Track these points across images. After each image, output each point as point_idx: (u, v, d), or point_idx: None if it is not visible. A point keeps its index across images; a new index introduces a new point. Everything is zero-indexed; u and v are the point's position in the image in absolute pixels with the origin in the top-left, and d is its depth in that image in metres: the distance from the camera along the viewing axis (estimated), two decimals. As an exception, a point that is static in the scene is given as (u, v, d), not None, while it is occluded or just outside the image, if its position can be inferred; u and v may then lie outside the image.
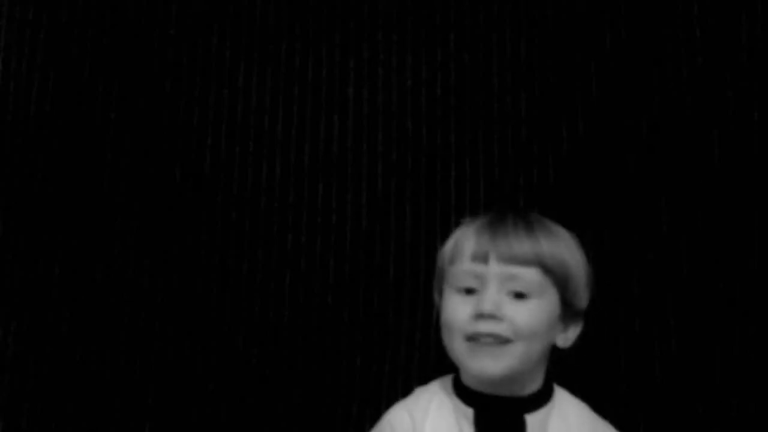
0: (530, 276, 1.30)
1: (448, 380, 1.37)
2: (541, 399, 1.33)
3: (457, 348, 1.30)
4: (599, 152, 1.73)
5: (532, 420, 1.31)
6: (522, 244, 1.32)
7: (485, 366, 1.28)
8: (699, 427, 1.64)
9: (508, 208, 1.60)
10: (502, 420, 1.31)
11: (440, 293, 1.37)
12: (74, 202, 1.83)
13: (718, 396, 1.64)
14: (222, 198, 1.81)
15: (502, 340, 1.28)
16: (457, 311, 1.31)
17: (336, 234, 1.78)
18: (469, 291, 1.31)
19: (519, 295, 1.30)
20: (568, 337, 1.36)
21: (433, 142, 1.78)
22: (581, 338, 1.70)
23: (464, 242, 1.34)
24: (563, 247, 1.35)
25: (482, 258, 1.31)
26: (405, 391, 1.42)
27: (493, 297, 1.29)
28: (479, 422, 1.31)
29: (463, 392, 1.33)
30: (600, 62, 1.75)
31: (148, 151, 1.84)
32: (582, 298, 1.36)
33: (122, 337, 1.79)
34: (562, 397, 1.36)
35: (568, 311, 1.34)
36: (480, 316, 1.28)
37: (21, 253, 1.83)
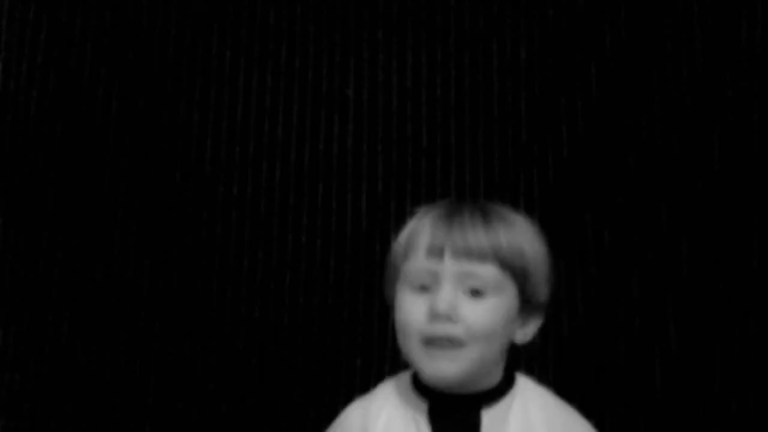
0: (487, 273, 1.24)
1: (407, 376, 1.32)
2: (498, 393, 1.28)
3: (413, 350, 1.24)
4: (599, 152, 1.73)
5: (489, 414, 1.26)
6: (478, 238, 1.25)
7: (440, 369, 1.23)
8: (699, 428, 1.64)
9: (465, 198, 1.57)
10: (457, 415, 1.27)
11: (392, 290, 1.30)
12: (74, 202, 1.83)
13: (718, 396, 1.63)
14: (222, 198, 1.81)
15: (457, 343, 1.23)
16: (411, 311, 1.25)
17: (336, 234, 1.78)
18: (424, 288, 1.25)
19: (476, 293, 1.24)
20: (527, 332, 1.29)
21: (433, 142, 1.78)
22: (582, 338, 1.70)
23: (419, 236, 1.27)
24: (522, 238, 1.28)
25: (437, 253, 1.25)
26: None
27: (448, 296, 1.23)
28: (434, 417, 1.27)
29: (420, 388, 1.28)
30: (600, 62, 1.75)
31: (148, 151, 1.84)
32: (542, 292, 1.29)
33: (122, 337, 1.79)
34: (524, 387, 1.31)
35: (527, 306, 1.28)
36: (435, 316, 1.23)
37: (21, 253, 1.83)
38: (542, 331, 1.68)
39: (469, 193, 1.76)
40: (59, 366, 1.79)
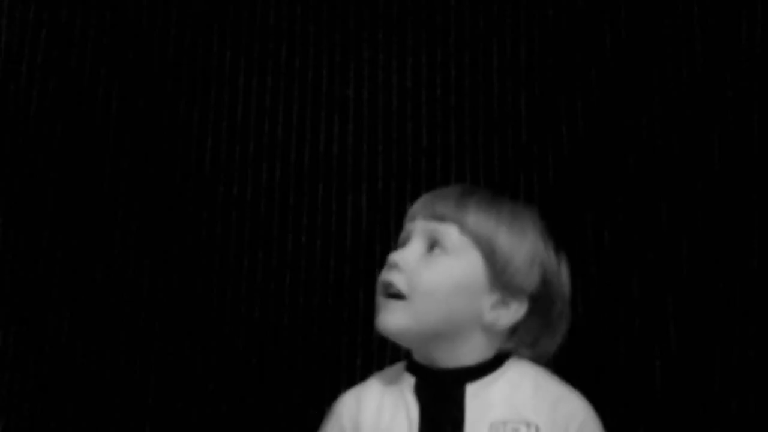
0: (446, 230, 1.29)
1: (404, 361, 1.35)
2: (483, 369, 1.29)
3: (377, 303, 1.30)
4: (599, 152, 1.73)
5: (473, 388, 1.28)
6: (447, 203, 1.31)
7: (383, 320, 1.27)
8: (699, 428, 1.64)
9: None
10: (441, 388, 1.29)
11: None
12: (74, 202, 1.83)
13: (718, 396, 1.63)
14: (222, 198, 1.81)
15: (400, 295, 1.26)
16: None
17: (336, 234, 1.78)
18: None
19: (433, 248, 1.28)
20: (501, 314, 1.29)
21: (433, 142, 1.78)
22: (582, 338, 1.70)
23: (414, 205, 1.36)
24: (506, 218, 1.31)
25: (412, 216, 1.33)
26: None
27: (407, 250, 1.29)
28: (420, 391, 1.29)
29: (411, 366, 1.32)
30: (600, 62, 1.75)
31: (148, 151, 1.84)
32: (523, 278, 1.30)
33: (122, 337, 1.79)
34: (518, 366, 1.32)
35: (502, 287, 1.29)
36: (388, 265, 1.28)
37: (21, 253, 1.83)
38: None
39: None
40: (59, 366, 1.79)
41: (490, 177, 1.76)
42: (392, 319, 1.27)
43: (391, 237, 1.75)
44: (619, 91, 1.74)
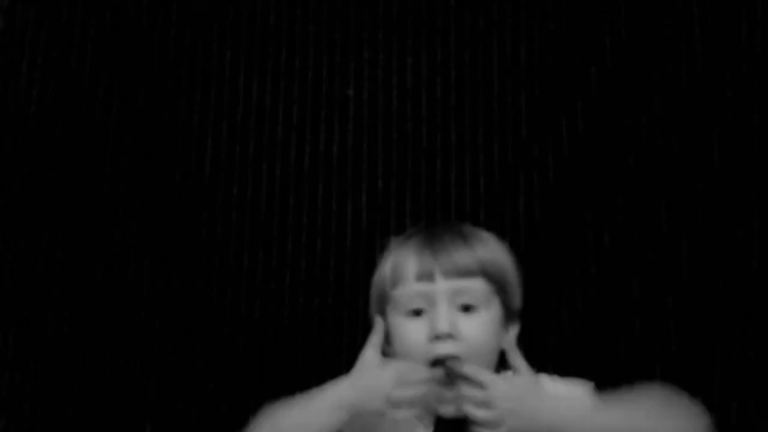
0: (477, 287, 1.31)
1: None
2: None
3: None
4: (599, 152, 1.73)
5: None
6: (464, 257, 1.31)
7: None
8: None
9: (437, 222, 1.62)
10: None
11: (380, 313, 1.37)
12: (74, 202, 1.83)
13: (718, 396, 1.63)
14: (222, 198, 1.81)
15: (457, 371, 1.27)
16: (411, 337, 1.30)
17: (336, 234, 1.78)
18: (417, 312, 1.31)
19: (467, 308, 1.30)
20: (508, 339, 1.34)
21: (433, 142, 1.78)
22: (582, 338, 1.70)
23: (405, 263, 1.34)
24: (497, 253, 1.36)
25: (428, 276, 1.31)
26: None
27: (447, 316, 1.28)
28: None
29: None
30: (600, 62, 1.75)
31: (148, 151, 1.84)
32: (517, 299, 1.37)
33: (122, 337, 1.78)
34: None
35: (506, 314, 1.35)
36: (437, 337, 1.27)
37: (21, 253, 1.83)
38: (542, 332, 1.69)
39: (469, 193, 1.76)
40: (59, 366, 1.79)
41: (490, 177, 1.76)
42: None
43: (391, 237, 1.75)
44: (619, 91, 1.74)
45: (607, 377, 1.66)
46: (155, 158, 1.83)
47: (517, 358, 1.29)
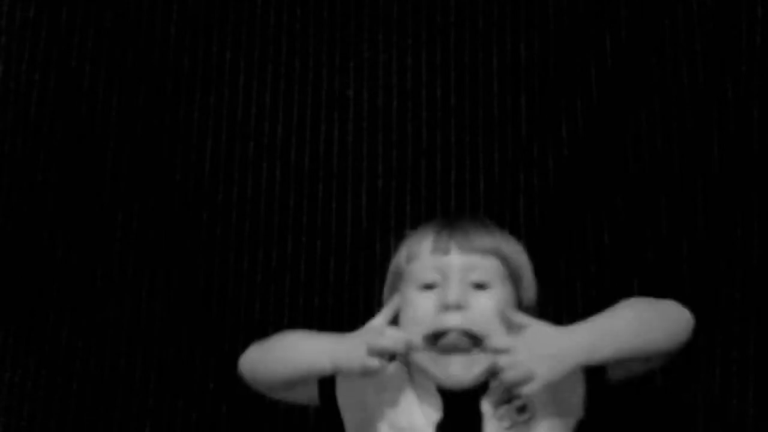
0: (490, 264, 1.31)
1: None
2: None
3: (421, 353, 1.29)
4: (599, 152, 1.73)
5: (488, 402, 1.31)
6: (481, 236, 1.33)
7: (454, 372, 1.28)
8: (699, 428, 1.64)
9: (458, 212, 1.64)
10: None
11: (390, 295, 1.37)
12: (74, 202, 1.83)
13: (718, 396, 1.63)
14: (222, 198, 1.81)
15: (468, 345, 1.27)
16: (420, 306, 1.30)
17: (336, 234, 1.78)
18: (429, 287, 1.31)
19: (480, 286, 1.30)
20: (507, 308, 1.33)
21: (433, 142, 1.78)
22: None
23: (422, 240, 1.35)
24: (515, 245, 1.37)
25: (443, 250, 1.32)
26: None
27: (457, 287, 1.28)
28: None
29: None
30: (600, 62, 1.75)
31: (148, 151, 1.84)
32: (531, 297, 1.37)
33: (122, 337, 1.78)
34: None
35: (519, 306, 1.34)
36: (445, 307, 1.28)
37: (21, 253, 1.83)
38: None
39: (469, 193, 1.76)
40: (59, 366, 1.79)
41: (490, 177, 1.76)
42: (470, 373, 1.28)
43: (391, 237, 1.75)
44: (619, 91, 1.74)
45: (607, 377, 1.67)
46: (155, 158, 1.83)
47: (518, 316, 1.30)
